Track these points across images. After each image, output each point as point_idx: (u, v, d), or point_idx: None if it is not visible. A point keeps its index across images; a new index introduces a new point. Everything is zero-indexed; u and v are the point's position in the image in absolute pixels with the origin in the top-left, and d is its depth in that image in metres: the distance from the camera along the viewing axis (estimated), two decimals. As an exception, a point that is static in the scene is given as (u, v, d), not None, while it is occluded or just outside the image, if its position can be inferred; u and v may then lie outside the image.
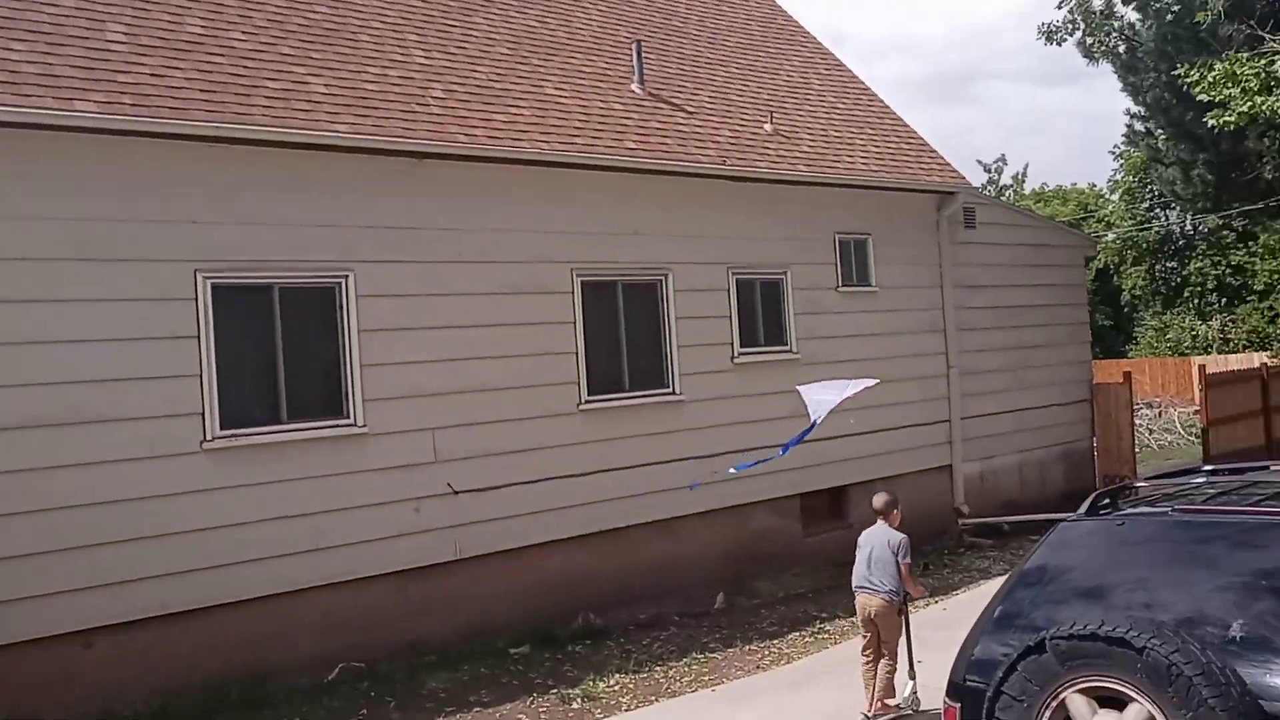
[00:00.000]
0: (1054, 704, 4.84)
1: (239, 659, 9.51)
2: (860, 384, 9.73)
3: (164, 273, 9.34)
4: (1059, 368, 18.12)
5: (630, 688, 9.80)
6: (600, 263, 12.31)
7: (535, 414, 11.63)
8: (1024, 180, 55.31)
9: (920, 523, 15.34)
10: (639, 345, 12.69)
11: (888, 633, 8.35)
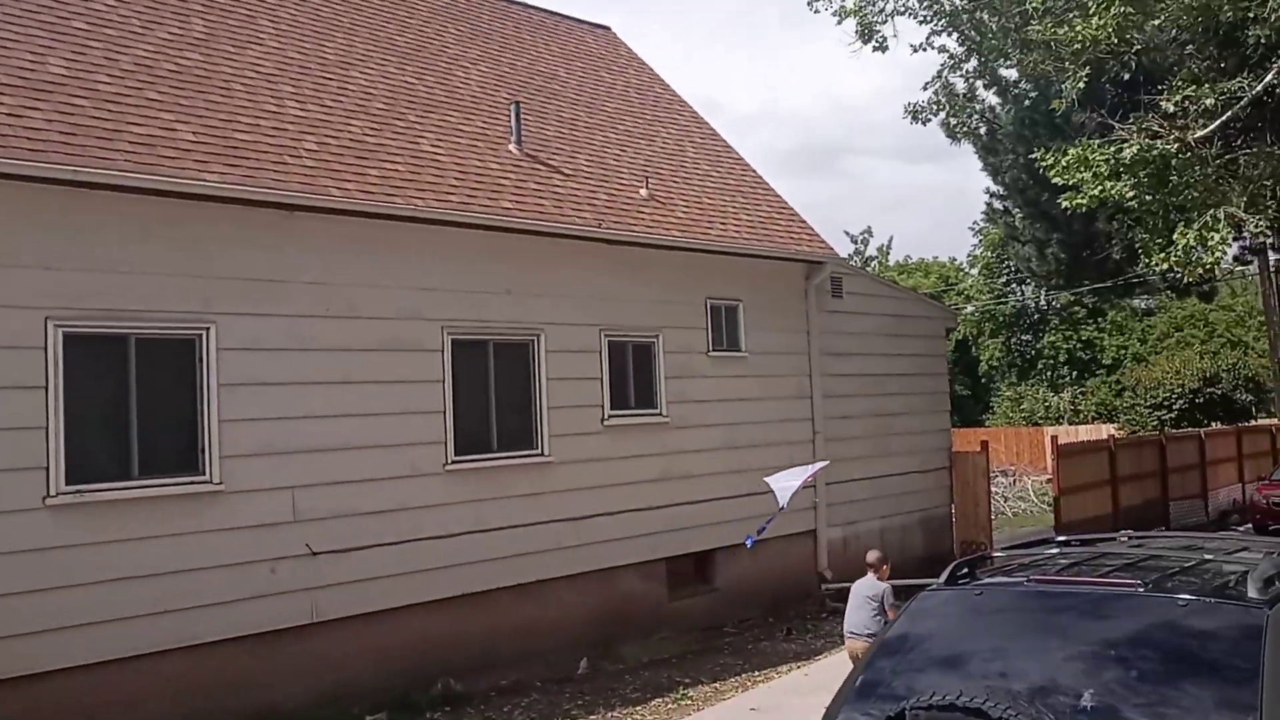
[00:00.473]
0: (915, 773, 4.86)
1: (76, 728, 9.00)
2: (815, 467, 12.41)
3: (13, 320, 8.93)
4: (920, 435, 18.58)
5: (490, 756, 9.57)
6: (472, 321, 12.22)
7: (401, 473, 11.41)
8: (889, 252, 57.13)
9: (785, 587, 15.52)
10: (509, 405, 12.58)
11: None
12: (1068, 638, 5.06)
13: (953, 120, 22.48)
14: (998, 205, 29.74)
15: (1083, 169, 14.95)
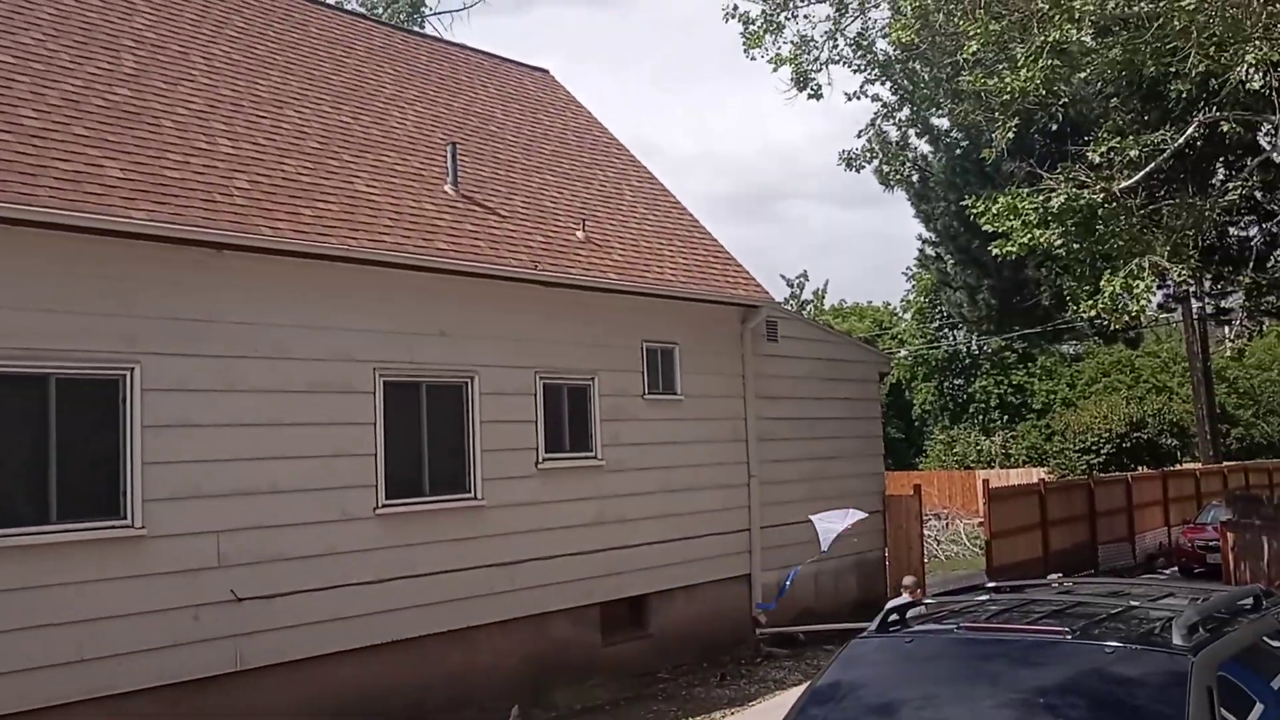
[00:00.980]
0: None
1: (-16, 783, 8.66)
2: (856, 515, 14.68)
3: (-74, 358, 8.67)
4: (853, 479, 18.65)
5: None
6: (405, 363, 12.09)
7: (330, 517, 11.20)
8: (824, 296, 57.68)
9: (720, 632, 15.46)
10: (442, 448, 12.43)
11: None
12: (997, 685, 5.08)
13: (886, 168, 22.90)
14: (930, 251, 30.24)
15: (1012, 217, 15.25)
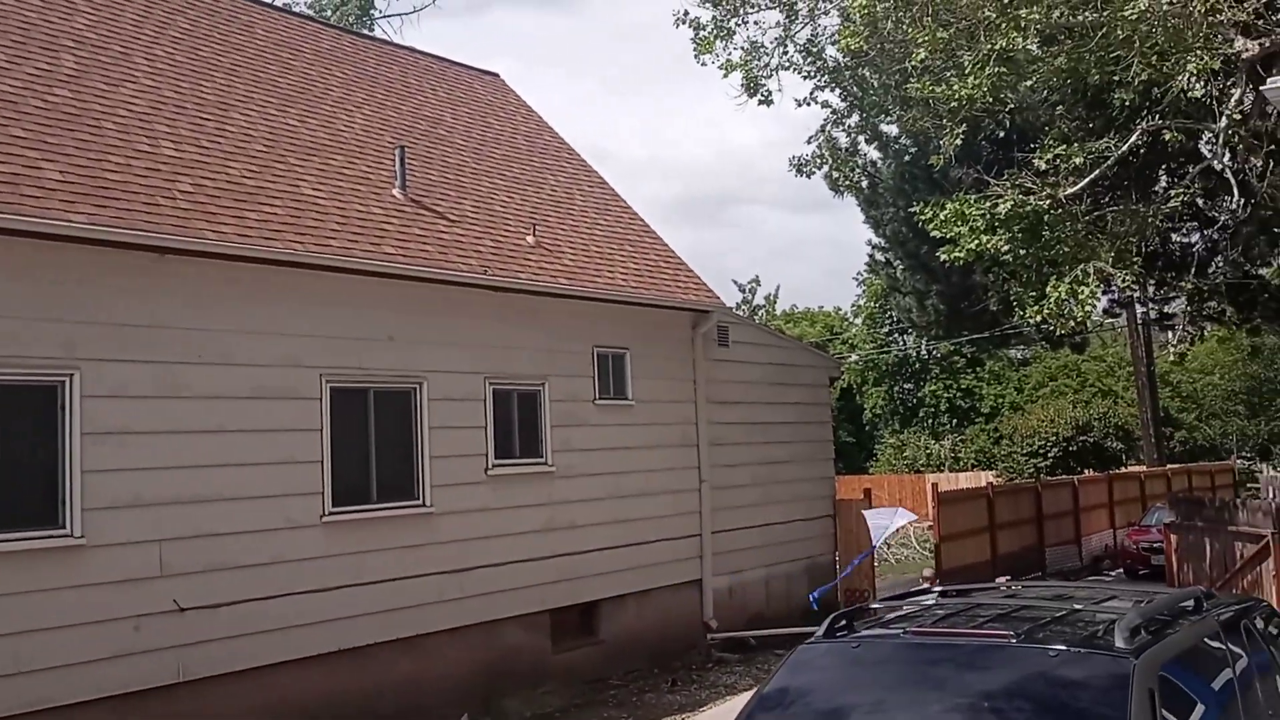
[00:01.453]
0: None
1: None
2: (906, 516, 16.73)
3: None
4: (804, 483, 18.73)
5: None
6: (352, 369, 11.96)
7: (276, 525, 11.05)
8: (776, 301, 57.92)
9: (671, 638, 15.43)
10: (390, 455, 12.31)
11: None
12: (944, 689, 5.09)
13: (836, 174, 22.99)
14: (880, 257, 30.38)
15: (960, 223, 15.35)
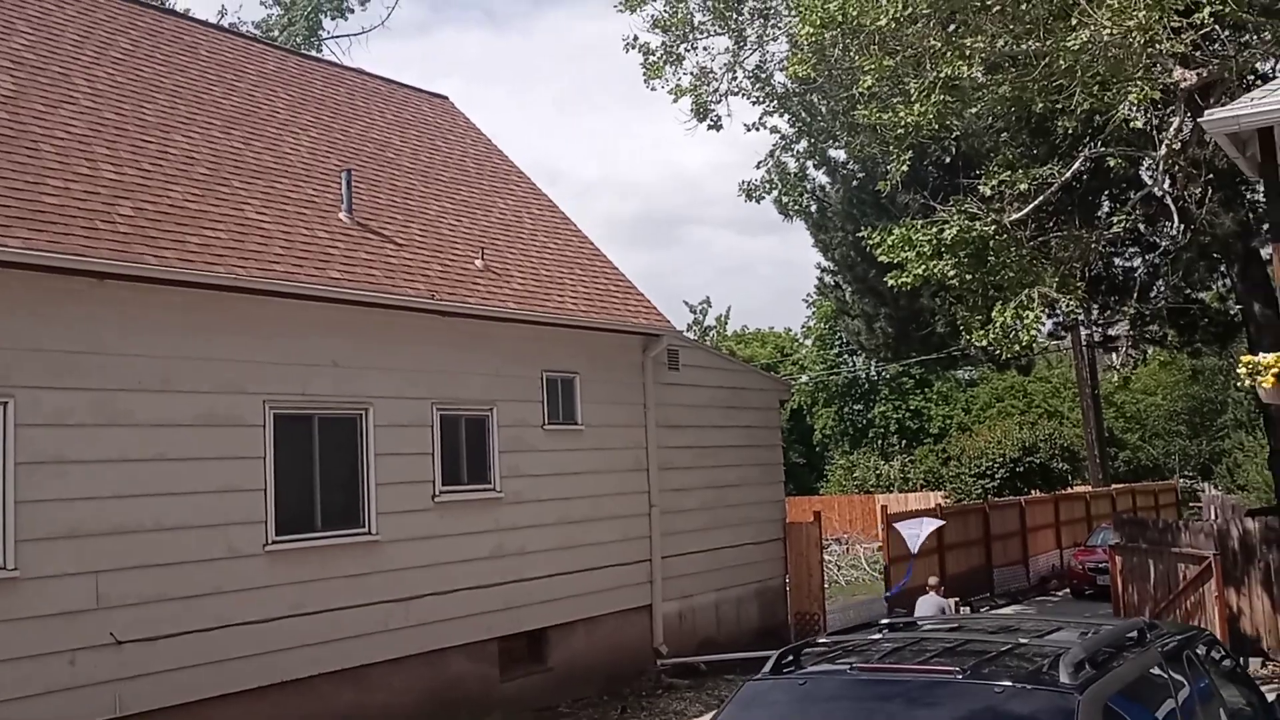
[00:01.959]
0: None
1: None
2: (933, 523, 18.10)
3: None
4: (754, 507, 18.71)
5: None
6: (296, 395, 11.79)
7: (217, 555, 10.84)
8: (726, 322, 58.03)
9: (620, 665, 15.33)
10: (335, 482, 12.14)
11: None
12: (892, 725, 5.06)
13: (785, 198, 23.13)
14: (829, 280, 30.61)
15: (907, 248, 15.49)
